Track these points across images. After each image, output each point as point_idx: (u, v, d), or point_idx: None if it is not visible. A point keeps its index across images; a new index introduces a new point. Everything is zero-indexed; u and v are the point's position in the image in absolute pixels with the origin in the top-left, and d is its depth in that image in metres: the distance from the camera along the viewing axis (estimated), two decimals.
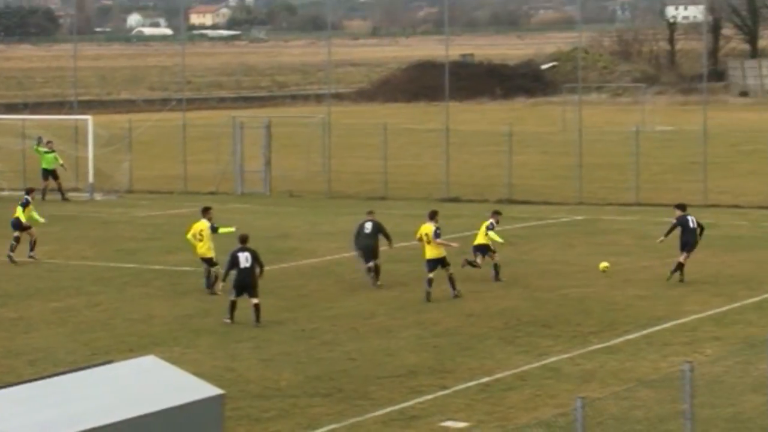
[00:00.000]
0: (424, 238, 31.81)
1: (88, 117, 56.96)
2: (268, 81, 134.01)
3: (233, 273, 29.17)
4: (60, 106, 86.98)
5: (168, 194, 54.74)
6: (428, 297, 31.14)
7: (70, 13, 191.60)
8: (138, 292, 33.01)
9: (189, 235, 32.81)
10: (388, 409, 22.33)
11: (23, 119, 63.03)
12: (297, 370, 25.03)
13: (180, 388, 15.83)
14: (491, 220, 34.14)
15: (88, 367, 16.24)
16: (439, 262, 31.55)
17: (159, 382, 15.89)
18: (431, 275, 31.39)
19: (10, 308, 31.16)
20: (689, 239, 33.68)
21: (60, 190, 52.19)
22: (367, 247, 33.30)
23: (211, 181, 55.68)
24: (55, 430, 14.09)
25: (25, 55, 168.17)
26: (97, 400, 15.06)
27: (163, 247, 40.06)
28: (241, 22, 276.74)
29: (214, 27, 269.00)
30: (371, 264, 33.08)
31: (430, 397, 23.05)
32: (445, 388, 23.60)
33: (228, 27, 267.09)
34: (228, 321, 28.95)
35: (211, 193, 54.29)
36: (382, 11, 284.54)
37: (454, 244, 32.75)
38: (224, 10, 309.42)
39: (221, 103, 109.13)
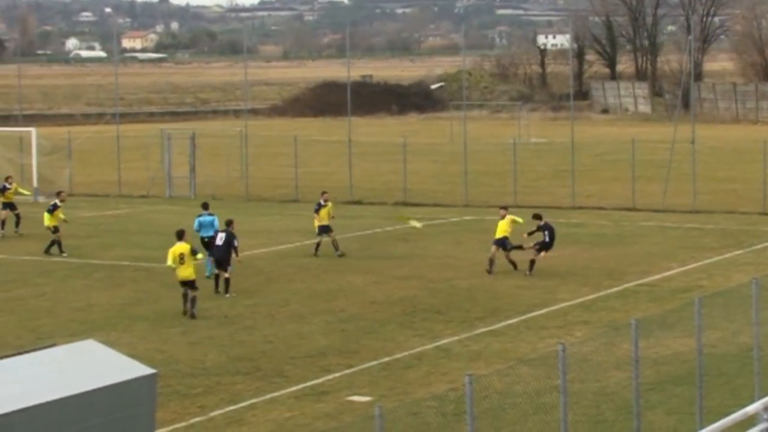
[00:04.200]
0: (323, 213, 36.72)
1: (32, 129, 56.11)
2: (192, 98, 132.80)
3: None
4: (6, 119, 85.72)
5: (104, 197, 54.08)
6: (336, 247, 36.53)
7: (14, 37, 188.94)
8: (79, 284, 32.54)
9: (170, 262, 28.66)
10: (301, 386, 22.20)
11: None
12: (221, 351, 24.81)
13: (117, 369, 15.59)
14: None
15: (34, 350, 15.93)
16: (327, 228, 36.58)
17: (98, 364, 15.62)
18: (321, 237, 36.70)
19: None
20: (552, 242, 33.61)
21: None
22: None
23: (142, 186, 55.14)
24: (4, 407, 13.80)
25: None
26: (43, 379, 14.76)
27: (101, 244, 39.56)
28: (168, 46, 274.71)
29: (143, 50, 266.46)
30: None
31: (338, 374, 22.95)
32: (351, 366, 23.50)
33: (156, 50, 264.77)
34: None
35: (143, 197, 53.73)
36: (291, 37, 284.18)
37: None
38: (152, 36, 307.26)
39: (151, 117, 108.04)
